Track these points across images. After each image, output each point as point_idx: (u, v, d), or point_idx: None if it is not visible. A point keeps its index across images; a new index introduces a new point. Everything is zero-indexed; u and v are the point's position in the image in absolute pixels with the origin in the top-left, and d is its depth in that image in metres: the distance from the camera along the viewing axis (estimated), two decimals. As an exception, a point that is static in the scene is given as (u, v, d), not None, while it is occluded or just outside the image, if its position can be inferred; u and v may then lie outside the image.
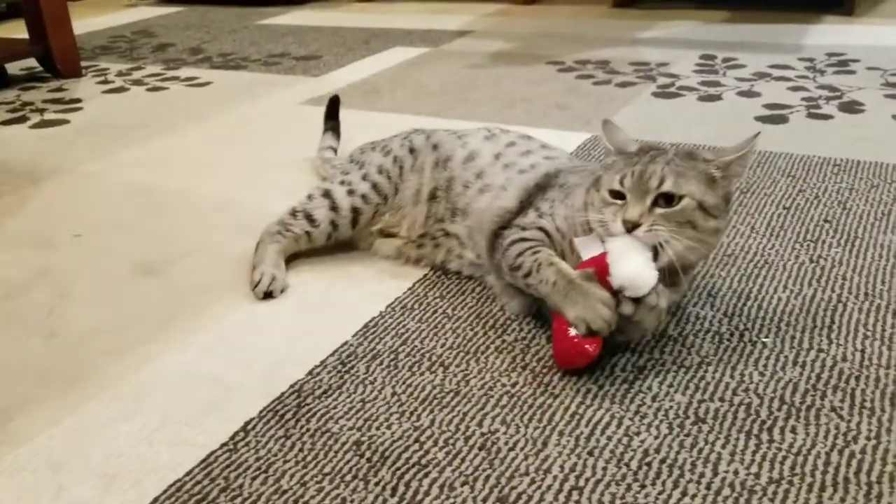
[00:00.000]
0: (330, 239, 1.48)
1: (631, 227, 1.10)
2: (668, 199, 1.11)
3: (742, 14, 3.36)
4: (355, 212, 1.47)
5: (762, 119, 2.09)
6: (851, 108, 2.14)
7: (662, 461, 0.98)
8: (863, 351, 1.16)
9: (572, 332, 1.11)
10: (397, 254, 1.48)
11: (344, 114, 2.17)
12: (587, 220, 1.18)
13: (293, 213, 1.48)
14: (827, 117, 2.08)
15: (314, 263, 1.48)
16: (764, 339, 1.20)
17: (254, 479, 0.98)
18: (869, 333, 1.20)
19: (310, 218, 1.46)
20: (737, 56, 2.72)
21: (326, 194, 1.48)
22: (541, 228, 1.26)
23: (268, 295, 1.38)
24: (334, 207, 1.46)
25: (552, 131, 2.06)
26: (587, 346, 1.10)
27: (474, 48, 3.07)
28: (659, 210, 1.11)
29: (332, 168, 1.75)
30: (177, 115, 2.43)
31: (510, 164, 1.41)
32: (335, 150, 1.84)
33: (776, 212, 1.59)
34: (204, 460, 1.02)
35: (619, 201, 1.13)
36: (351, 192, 1.47)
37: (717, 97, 2.29)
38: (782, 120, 2.08)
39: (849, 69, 2.49)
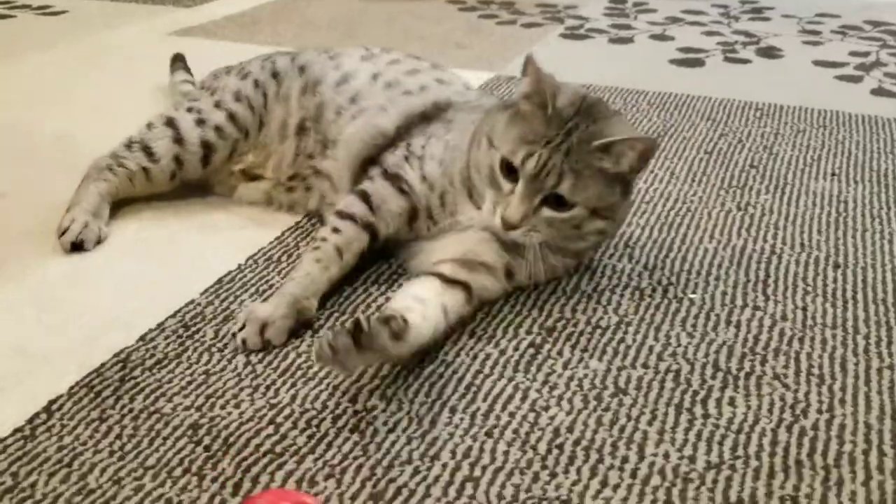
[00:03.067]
0: (174, 179, 1.21)
1: (508, 227, 0.95)
2: (559, 201, 0.94)
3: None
4: (206, 147, 1.20)
5: (677, 62, 1.94)
6: (770, 53, 2.02)
7: (577, 443, 0.79)
8: (804, 308, 1.00)
9: None
10: (266, 199, 1.23)
11: (215, 46, 1.90)
12: (467, 171, 1.01)
13: (128, 145, 1.20)
14: (745, 62, 1.95)
15: (161, 205, 1.23)
16: (691, 296, 1.02)
17: (52, 475, 0.75)
18: (809, 289, 1.04)
19: (147, 151, 1.19)
20: (647, 0, 2.56)
21: (170, 123, 1.20)
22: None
23: (76, 247, 1.11)
24: (179, 140, 1.19)
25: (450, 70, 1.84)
26: None
27: (369, -15, 2.82)
28: (546, 213, 0.95)
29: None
30: (18, 44, 2.10)
31: (393, 84, 1.18)
32: (193, 85, 1.56)
33: (697, 156, 1.42)
34: (-11, 452, 0.77)
35: (507, 182, 0.96)
36: (201, 123, 1.20)
37: (629, 40, 2.13)
38: (698, 63, 1.93)
39: (763, 16, 2.38)
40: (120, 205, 1.21)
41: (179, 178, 1.21)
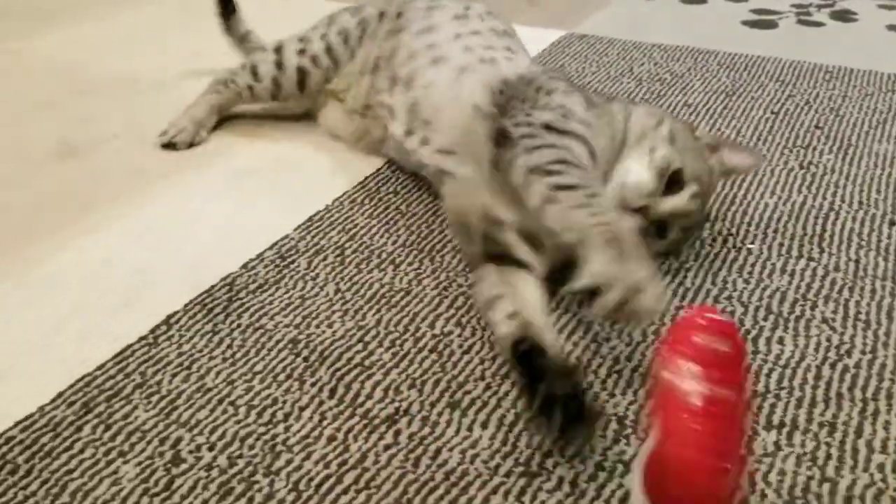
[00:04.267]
0: (276, 98, 1.38)
1: (635, 209, 0.99)
2: (663, 233, 1.03)
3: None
4: (301, 72, 1.34)
5: (749, 24, 1.96)
6: (844, 16, 2.02)
7: (635, 370, 0.87)
8: (857, 261, 1.06)
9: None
10: (342, 122, 1.34)
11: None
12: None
13: (243, 65, 1.39)
14: (818, 24, 1.96)
15: (253, 146, 1.34)
16: (749, 246, 1.09)
17: (174, 375, 0.86)
18: (864, 243, 1.09)
19: (254, 71, 1.36)
20: (723, -37, 2.57)
21: (278, 50, 1.36)
22: (577, 136, 1.00)
23: (169, 145, 1.33)
24: (280, 65, 1.35)
25: (521, 27, 1.89)
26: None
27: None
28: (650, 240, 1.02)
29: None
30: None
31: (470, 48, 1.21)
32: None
33: (764, 116, 1.47)
34: (119, 354, 0.89)
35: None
36: (301, 52, 1.34)
37: (702, 0, 2.15)
38: (771, 25, 1.95)
39: (841, -21, 2.36)
40: (216, 148, 1.34)
41: (280, 97, 1.37)
